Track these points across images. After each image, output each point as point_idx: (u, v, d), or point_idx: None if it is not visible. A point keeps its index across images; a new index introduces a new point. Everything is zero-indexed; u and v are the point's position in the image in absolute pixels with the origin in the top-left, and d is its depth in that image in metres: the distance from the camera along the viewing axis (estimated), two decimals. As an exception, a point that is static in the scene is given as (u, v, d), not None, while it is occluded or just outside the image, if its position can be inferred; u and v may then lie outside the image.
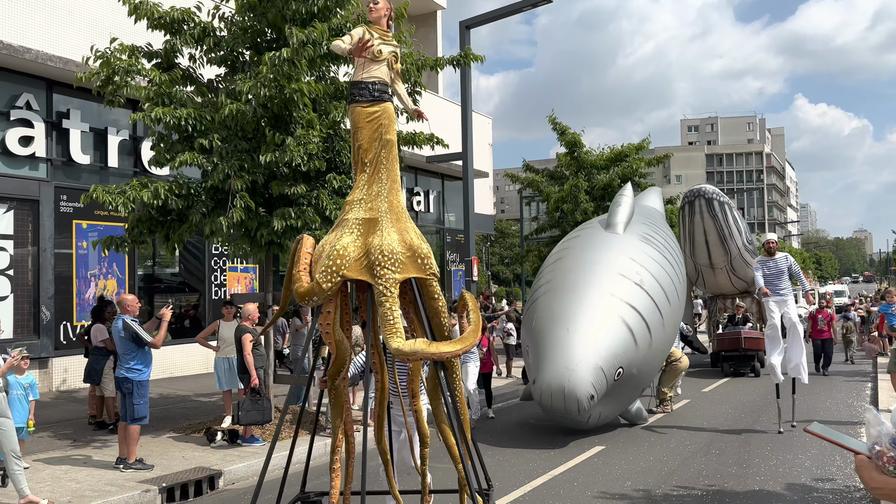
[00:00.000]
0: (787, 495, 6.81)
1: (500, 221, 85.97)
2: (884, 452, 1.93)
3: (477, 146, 25.91)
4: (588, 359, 8.99)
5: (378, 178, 4.58)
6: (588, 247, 10.86)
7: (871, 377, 15.52)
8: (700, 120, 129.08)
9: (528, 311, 10.66)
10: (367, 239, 4.45)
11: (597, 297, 9.64)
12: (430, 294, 4.58)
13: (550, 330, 9.48)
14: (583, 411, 8.90)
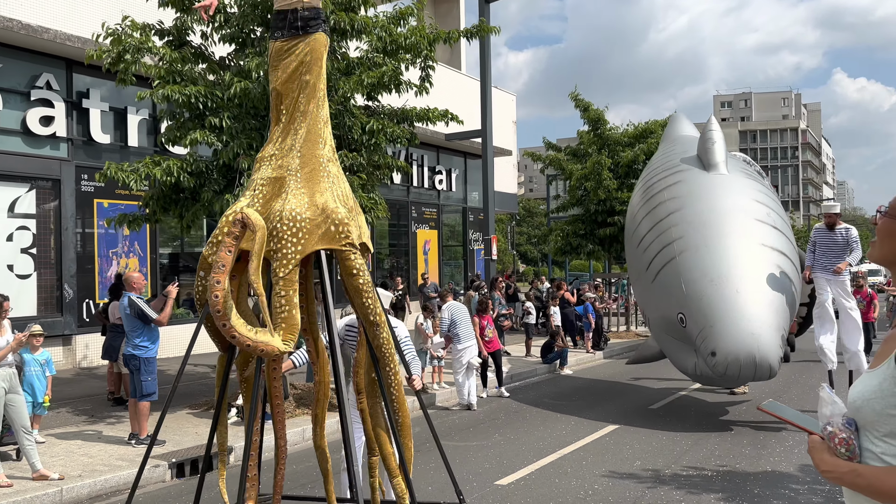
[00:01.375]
0: (799, 476, 6.65)
1: (527, 201, 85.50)
2: (835, 433, 1.78)
3: (500, 124, 25.67)
4: (769, 321, 8.43)
5: (293, 128, 3.85)
6: (704, 193, 9.92)
7: None
8: (734, 96, 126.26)
9: (660, 273, 9.55)
10: (268, 204, 3.75)
11: (749, 249, 9.00)
12: (346, 270, 3.78)
13: (714, 292, 8.63)
14: (773, 376, 8.53)
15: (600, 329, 16.92)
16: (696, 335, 8.65)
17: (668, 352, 10.06)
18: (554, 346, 14.34)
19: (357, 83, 9.63)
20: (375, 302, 3.83)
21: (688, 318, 8.83)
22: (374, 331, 3.88)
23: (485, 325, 11.43)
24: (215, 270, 3.35)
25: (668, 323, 9.46)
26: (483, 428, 9.22)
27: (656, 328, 10.32)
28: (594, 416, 9.75)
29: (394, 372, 4.02)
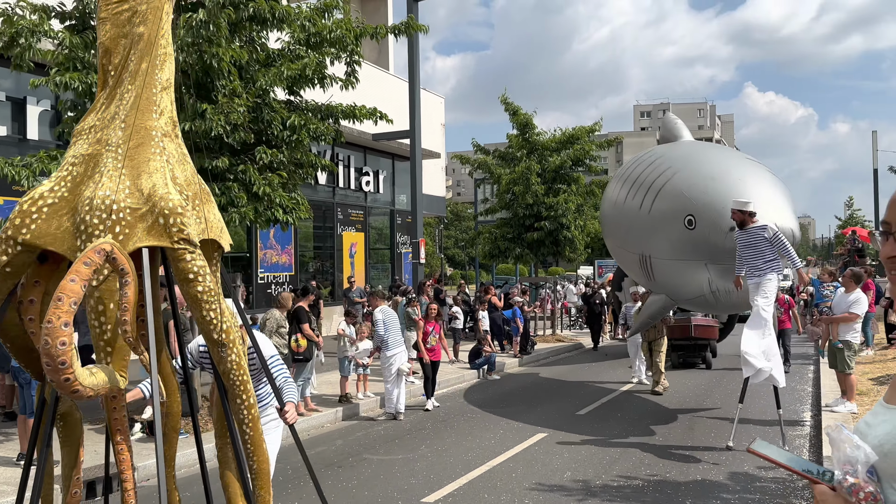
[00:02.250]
0: (729, 485, 6.57)
1: (455, 204, 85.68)
2: (860, 487, 1.42)
3: (429, 126, 25.38)
4: (778, 198, 8.55)
5: (119, 93, 3.06)
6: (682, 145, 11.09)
7: (814, 360, 15.63)
8: (652, 106, 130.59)
9: (657, 198, 9.55)
10: (77, 188, 2.94)
11: (740, 157, 9.83)
12: (180, 273, 2.92)
13: (718, 185, 8.72)
14: (795, 244, 8.37)
15: (527, 333, 16.83)
16: (708, 226, 8.50)
17: (676, 287, 9.70)
18: (482, 352, 14.12)
19: (276, 76, 9.12)
20: (221, 315, 2.97)
21: (697, 217, 8.66)
22: (220, 353, 3.05)
23: (429, 330, 10.96)
24: (57, 306, 2.46)
25: (673, 245, 9.20)
26: (409, 439, 8.84)
27: (662, 267, 9.82)
28: (523, 423, 9.53)
29: (247, 405, 3.15)
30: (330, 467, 7.64)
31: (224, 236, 3.15)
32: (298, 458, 8.20)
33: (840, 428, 1.47)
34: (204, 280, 2.91)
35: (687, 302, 10.17)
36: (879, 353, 14.33)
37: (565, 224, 20.38)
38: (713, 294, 8.91)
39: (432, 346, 10.93)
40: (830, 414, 8.82)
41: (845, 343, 9.12)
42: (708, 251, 8.66)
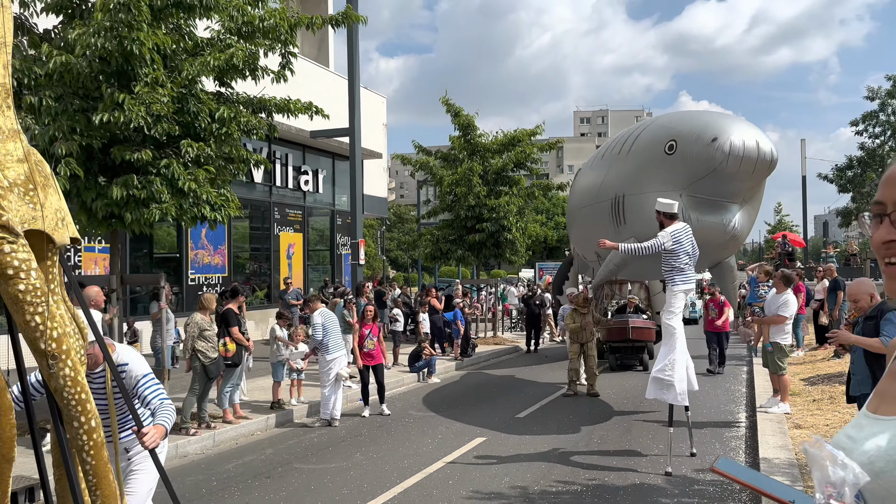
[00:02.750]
0: (667, 489, 6.49)
1: (398, 206, 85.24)
2: None
3: (370, 125, 25.00)
4: None
5: None
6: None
7: (747, 360, 15.95)
8: (592, 112, 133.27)
9: (640, 137, 9.80)
10: None
11: None
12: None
13: (700, 115, 9.09)
14: (773, 165, 8.28)
15: (468, 336, 16.66)
16: (690, 142, 8.51)
17: (645, 224, 9.16)
18: (422, 354, 13.87)
19: (204, 65, 8.66)
20: (51, 321, 2.44)
21: (679, 139, 8.67)
22: (49, 366, 2.51)
23: (365, 333, 10.37)
24: None
25: (650, 176, 9.14)
26: (344, 447, 8.51)
27: (634, 204, 9.57)
28: (461, 427, 9.32)
29: (86, 429, 2.62)
30: (257, 478, 7.25)
31: (62, 229, 2.51)
32: (224, 469, 7.83)
33: (820, 443, 1.23)
34: (28, 277, 2.38)
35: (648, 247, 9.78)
36: (809, 355, 14.70)
37: (507, 226, 20.33)
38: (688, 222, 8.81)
39: (369, 350, 10.41)
40: (764, 415, 8.90)
41: (775, 345, 9.23)
42: (685, 175, 8.58)
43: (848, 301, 5.33)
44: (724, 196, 8.57)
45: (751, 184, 8.56)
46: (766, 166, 8.23)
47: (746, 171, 8.20)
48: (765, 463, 6.53)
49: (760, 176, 8.43)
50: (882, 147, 24.93)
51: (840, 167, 26.12)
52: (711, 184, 8.42)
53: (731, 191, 8.55)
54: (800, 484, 5.84)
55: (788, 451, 6.98)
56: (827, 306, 14.48)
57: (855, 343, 5.10)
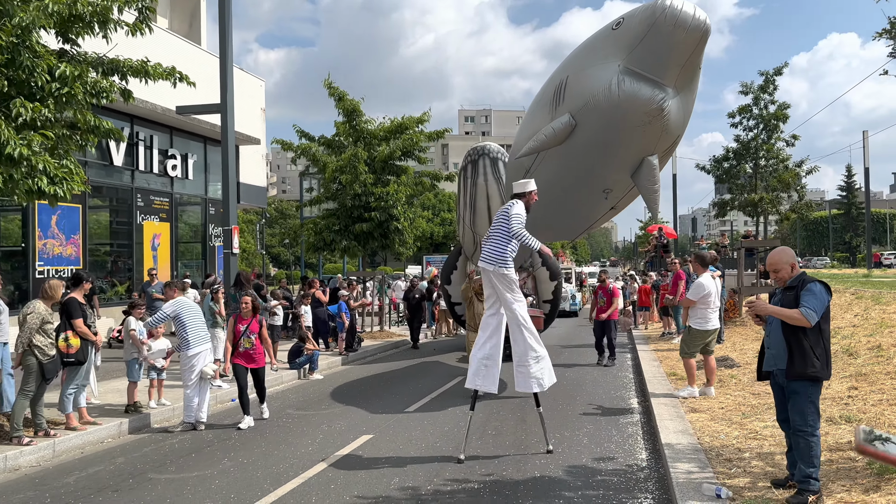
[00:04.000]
0: (569, 481, 6.01)
1: (280, 202, 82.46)
2: None
3: (247, 109, 23.47)
4: None
5: None
6: None
7: (630, 348, 16.12)
8: (476, 111, 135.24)
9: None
10: None
11: None
12: None
13: None
14: (708, 29, 8.49)
15: (354, 329, 15.81)
16: (637, 13, 8.87)
17: (583, 90, 9.34)
18: (303, 350, 12.90)
19: (41, 11, 7.36)
20: None
21: (626, 16, 9.07)
22: None
23: (240, 330, 8.85)
24: None
25: (597, 51, 9.40)
26: (209, 453, 7.48)
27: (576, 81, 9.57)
28: (345, 425, 8.51)
29: None
30: (102, 492, 6.14)
31: None
32: (63, 483, 6.58)
33: None
34: None
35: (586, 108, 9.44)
36: (689, 340, 14.99)
37: (395, 215, 19.62)
38: (612, 89, 8.91)
39: (247, 350, 8.82)
40: (659, 399, 8.70)
41: (688, 328, 9.05)
42: (627, 42, 8.87)
43: (767, 269, 4.98)
44: (658, 72, 8.78)
45: (685, 51, 8.68)
46: (699, 27, 8.50)
47: (682, 28, 8.48)
48: (668, 449, 6.20)
49: (693, 39, 8.57)
50: (756, 139, 26.41)
51: (717, 158, 27.39)
52: (649, 51, 8.71)
53: (666, 63, 8.75)
54: (709, 469, 5.51)
55: (690, 435, 6.71)
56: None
57: (773, 314, 4.78)
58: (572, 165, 10.16)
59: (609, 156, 9.78)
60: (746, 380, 9.48)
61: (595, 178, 10.44)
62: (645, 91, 8.77)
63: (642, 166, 9.76)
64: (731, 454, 5.96)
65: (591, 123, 9.32)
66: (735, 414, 7.58)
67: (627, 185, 10.79)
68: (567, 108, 9.51)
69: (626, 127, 9.09)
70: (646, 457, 6.70)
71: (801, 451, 4.62)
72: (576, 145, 9.64)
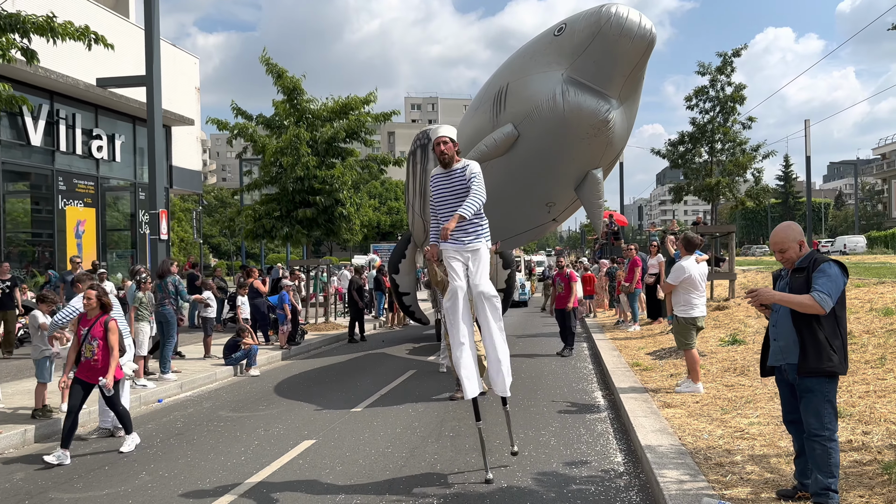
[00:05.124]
0: (540, 492, 5.28)
1: (220, 190, 79.76)
2: None
3: (180, 88, 22.04)
4: None
5: None
6: None
7: (585, 337, 15.62)
8: (422, 99, 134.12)
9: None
10: None
11: None
12: None
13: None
14: (654, 38, 8.20)
15: (296, 322, 14.82)
16: (580, 19, 8.57)
17: (527, 99, 8.92)
18: (240, 344, 11.88)
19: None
20: None
21: (568, 22, 8.73)
22: None
23: (81, 334, 6.89)
24: None
25: (538, 59, 8.96)
26: (126, 464, 6.49)
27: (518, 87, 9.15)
28: (284, 429, 7.61)
29: None
30: None
31: None
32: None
33: None
34: None
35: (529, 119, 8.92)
36: (646, 329, 14.56)
37: (341, 200, 18.61)
38: (556, 99, 8.55)
39: (87, 360, 6.79)
40: (627, 394, 8.08)
41: (675, 318, 8.35)
42: (571, 49, 8.54)
43: (771, 249, 4.29)
44: (603, 82, 8.48)
45: (630, 61, 8.37)
46: (645, 37, 8.17)
47: (627, 38, 8.15)
48: (650, 452, 5.53)
49: (639, 49, 8.26)
50: (712, 122, 26.10)
51: (673, 142, 27.09)
52: (593, 60, 8.39)
53: (611, 73, 8.45)
54: (701, 478, 4.85)
55: (670, 435, 6.07)
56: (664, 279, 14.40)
57: (779, 301, 4.12)
58: (516, 177, 9.72)
59: (552, 168, 9.41)
60: (716, 370, 8.97)
61: (538, 190, 10.04)
62: (590, 103, 8.44)
63: (586, 180, 9.44)
64: (721, 457, 5.33)
65: (534, 135, 8.95)
66: (713, 409, 7.00)
67: (570, 199, 10.42)
68: (509, 117, 9.14)
69: (571, 140, 8.75)
70: (622, 459, 6.03)
71: (817, 458, 3.98)
72: (518, 156, 9.27)
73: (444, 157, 6.05)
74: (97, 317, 6.89)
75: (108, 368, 6.75)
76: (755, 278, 16.99)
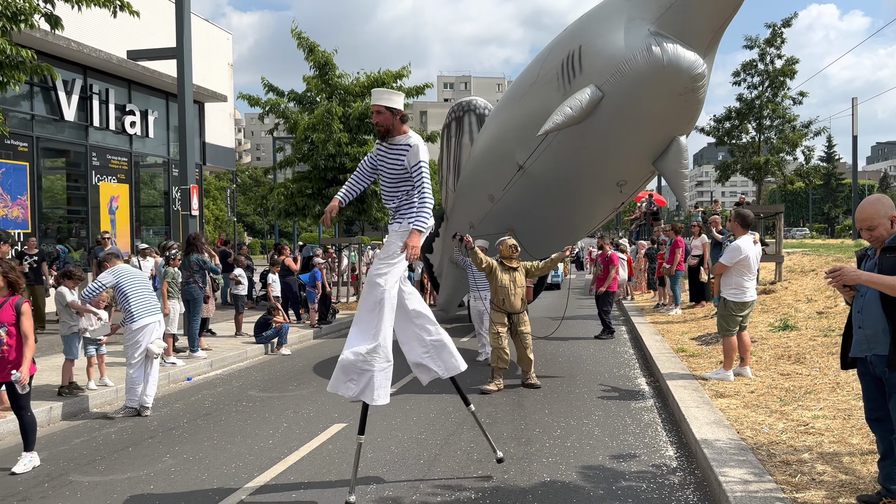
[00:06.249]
0: (587, 488, 4.89)
1: (254, 169, 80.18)
2: None
3: (213, 63, 21.85)
4: None
5: None
6: None
7: (623, 320, 15.12)
8: (455, 78, 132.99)
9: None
10: None
11: None
12: None
13: None
14: None
15: (328, 300, 14.58)
16: None
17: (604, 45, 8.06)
18: (271, 322, 11.66)
19: None
20: None
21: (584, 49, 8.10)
22: None
23: None
24: None
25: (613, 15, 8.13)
26: (150, 446, 6.26)
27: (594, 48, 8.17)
28: (315, 411, 7.34)
29: None
30: (5, 501, 4.91)
31: None
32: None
33: None
34: None
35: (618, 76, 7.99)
36: (688, 313, 14.01)
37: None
38: (653, 50, 7.66)
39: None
40: (675, 382, 7.62)
41: (722, 300, 7.77)
42: (655, 4, 7.71)
43: (858, 227, 3.79)
44: (693, 36, 7.58)
45: (726, 13, 7.49)
46: None
47: None
48: (707, 447, 5.09)
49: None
50: (760, 97, 24.95)
51: (718, 118, 26.06)
52: (684, 12, 7.51)
53: (703, 27, 7.57)
54: (768, 478, 4.40)
55: (726, 428, 5.61)
56: (708, 262, 13.82)
57: (867, 282, 3.63)
58: (588, 149, 8.52)
59: (639, 133, 8.22)
60: (768, 357, 8.44)
61: (612, 166, 8.87)
62: (689, 54, 7.49)
63: (671, 149, 8.34)
64: (786, 454, 4.87)
65: (622, 93, 7.77)
66: (770, 399, 6.51)
67: (643, 175, 9.39)
68: (588, 80, 7.96)
69: (668, 95, 7.69)
70: (673, 453, 5.60)
71: (909, 462, 3.53)
72: (599, 122, 8.04)
73: (378, 129, 5.00)
74: (5, 297, 5.64)
75: (23, 359, 5.56)
76: (801, 261, 16.24)
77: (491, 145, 10.48)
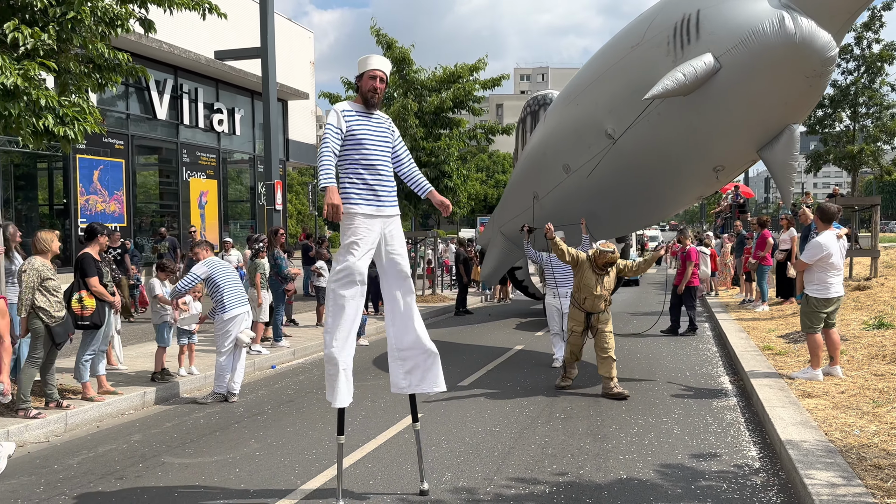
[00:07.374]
0: (665, 486, 4.80)
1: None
2: None
3: (295, 61, 22.47)
4: None
5: None
6: None
7: (707, 316, 14.67)
8: (532, 69, 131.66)
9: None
10: None
11: None
12: None
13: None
14: None
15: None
16: None
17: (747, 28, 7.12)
18: (349, 314, 11.91)
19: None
20: None
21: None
22: None
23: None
24: None
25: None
26: (237, 431, 6.55)
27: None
28: (390, 402, 7.48)
29: None
30: (104, 479, 5.24)
31: None
32: (66, 466, 5.79)
33: None
34: None
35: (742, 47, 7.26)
36: (776, 309, 13.45)
37: (447, 172, 18.41)
38: (786, 23, 6.92)
39: None
40: (760, 380, 7.35)
41: (805, 297, 7.43)
42: None
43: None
44: (827, 17, 6.74)
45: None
46: None
47: None
48: (792, 448, 4.90)
49: None
50: (856, 83, 23.62)
51: (809, 105, 24.75)
52: None
53: (838, 4, 6.72)
54: (857, 482, 4.21)
55: (813, 429, 5.38)
56: (797, 256, 13.21)
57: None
58: (692, 124, 7.76)
59: (752, 114, 7.42)
60: (861, 357, 8.02)
61: (716, 145, 8.02)
62: (823, 34, 6.72)
63: (782, 138, 7.46)
64: (879, 458, 4.63)
65: (743, 67, 7.01)
66: (862, 400, 6.20)
67: (742, 162, 8.58)
68: (705, 48, 7.20)
69: (795, 76, 6.91)
70: (756, 454, 5.42)
71: None
72: (709, 97, 7.31)
73: (374, 97, 4.84)
74: None
75: (3, 365, 4.91)
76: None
77: (576, 112, 9.51)
